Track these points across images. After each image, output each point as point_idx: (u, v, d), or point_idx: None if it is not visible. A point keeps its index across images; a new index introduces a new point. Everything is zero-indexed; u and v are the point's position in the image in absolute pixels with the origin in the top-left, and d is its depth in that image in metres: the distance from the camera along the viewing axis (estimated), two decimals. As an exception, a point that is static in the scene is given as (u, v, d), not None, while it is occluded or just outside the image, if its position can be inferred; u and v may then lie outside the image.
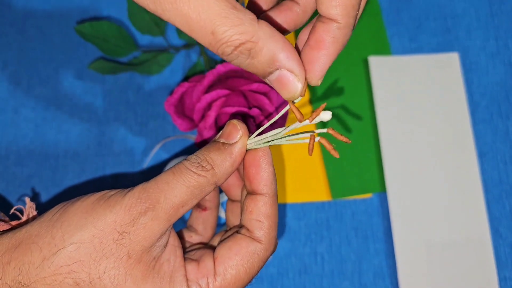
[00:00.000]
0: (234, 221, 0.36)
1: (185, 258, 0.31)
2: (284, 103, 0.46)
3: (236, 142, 0.31)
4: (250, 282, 0.31)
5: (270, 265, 0.45)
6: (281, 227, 0.46)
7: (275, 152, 0.47)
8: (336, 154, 0.29)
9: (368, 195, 0.47)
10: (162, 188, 0.29)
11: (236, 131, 0.31)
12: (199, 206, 0.37)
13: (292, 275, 0.45)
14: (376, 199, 0.47)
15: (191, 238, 0.36)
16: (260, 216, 0.31)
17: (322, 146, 0.47)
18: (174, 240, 0.30)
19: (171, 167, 0.30)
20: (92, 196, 0.29)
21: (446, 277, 0.44)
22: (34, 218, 0.33)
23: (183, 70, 0.49)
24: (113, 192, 0.30)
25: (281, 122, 0.45)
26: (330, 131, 0.29)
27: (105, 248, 0.28)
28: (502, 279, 0.44)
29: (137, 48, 0.48)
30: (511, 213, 0.46)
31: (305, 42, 0.28)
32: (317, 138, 0.29)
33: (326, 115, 0.28)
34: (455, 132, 0.48)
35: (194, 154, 0.30)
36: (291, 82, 0.27)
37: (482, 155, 0.48)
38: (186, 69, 0.49)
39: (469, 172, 0.47)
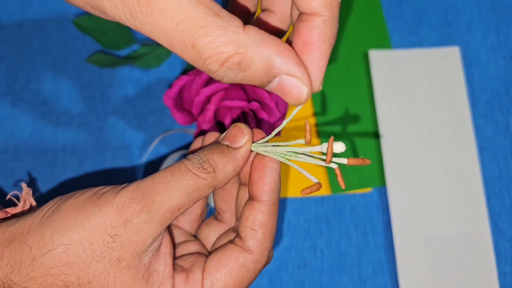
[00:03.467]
0: (221, 205, 0.34)
1: (175, 266, 0.30)
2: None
3: (241, 146, 0.29)
4: None
5: (270, 260, 0.45)
6: (280, 222, 0.46)
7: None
8: (343, 185, 0.28)
9: (367, 190, 0.46)
10: (158, 189, 0.27)
11: (242, 135, 0.29)
12: None
13: (292, 270, 0.45)
14: (375, 194, 0.46)
15: (178, 221, 0.35)
16: (255, 225, 0.29)
17: (322, 141, 0.47)
18: (166, 247, 0.29)
19: (169, 166, 0.29)
20: (85, 193, 0.28)
21: (446, 271, 0.44)
22: (31, 208, 0.32)
23: (182, 64, 0.49)
24: (106, 189, 0.28)
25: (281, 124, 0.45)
26: (351, 162, 0.27)
27: (96, 251, 0.27)
28: (501, 274, 0.44)
29: (135, 41, 0.48)
30: (511, 208, 0.46)
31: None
32: (335, 166, 0.28)
33: (339, 147, 0.27)
34: (455, 127, 0.47)
35: (196, 154, 0.29)
36: (294, 87, 0.24)
37: (482, 150, 0.48)
38: (185, 62, 0.49)
39: (469, 167, 0.46)
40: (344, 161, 0.28)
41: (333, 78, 0.49)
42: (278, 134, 0.46)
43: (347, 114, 0.48)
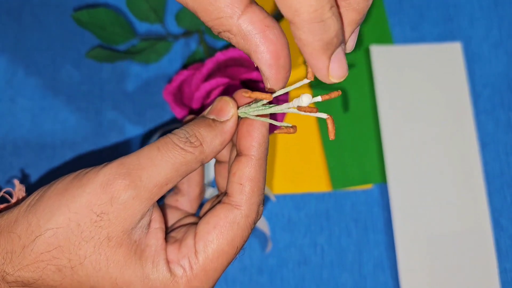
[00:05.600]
0: (223, 184, 0.34)
1: (168, 239, 0.30)
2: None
3: (228, 120, 0.29)
4: (237, 253, 0.29)
5: (270, 256, 0.44)
6: (280, 218, 0.45)
7: (275, 142, 0.47)
8: (333, 137, 0.28)
9: (368, 186, 0.46)
10: (145, 164, 0.27)
11: (228, 108, 0.30)
12: None
13: (292, 266, 0.44)
14: (376, 190, 0.46)
15: (178, 202, 0.35)
16: (242, 179, 0.29)
17: (322, 137, 0.47)
18: (155, 222, 0.29)
19: (155, 141, 0.28)
20: (68, 177, 0.28)
21: (447, 268, 0.44)
22: (23, 199, 0.32)
23: (181, 59, 0.49)
24: (88, 169, 0.28)
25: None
26: (329, 121, 0.28)
27: (84, 231, 0.27)
28: (502, 271, 0.44)
29: (135, 36, 0.48)
30: (513, 205, 0.46)
31: None
32: (325, 116, 0.28)
33: (306, 99, 0.28)
34: (457, 123, 0.47)
35: (182, 128, 0.29)
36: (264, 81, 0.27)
37: (484, 146, 0.47)
38: (184, 57, 0.49)
39: (471, 163, 0.46)
40: (318, 98, 0.28)
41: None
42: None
43: (348, 110, 0.48)
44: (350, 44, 0.27)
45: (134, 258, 0.28)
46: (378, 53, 0.49)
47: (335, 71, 0.26)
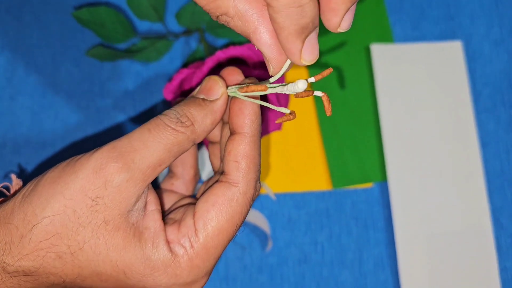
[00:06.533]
0: (217, 164, 0.34)
1: (167, 220, 0.30)
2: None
3: (218, 99, 0.29)
4: (237, 230, 0.30)
5: (270, 255, 0.45)
6: (281, 217, 0.45)
7: (275, 142, 0.47)
8: (330, 113, 0.28)
9: (369, 185, 0.46)
10: (137, 147, 0.27)
11: (217, 87, 0.30)
12: None
13: (292, 264, 0.44)
14: (377, 189, 0.46)
15: (173, 186, 0.35)
16: (237, 157, 0.29)
17: (323, 136, 0.47)
18: (151, 204, 0.29)
19: (145, 123, 0.28)
20: (60, 165, 0.28)
21: (447, 267, 0.44)
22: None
23: (182, 58, 0.49)
24: (80, 155, 0.28)
25: (284, 101, 0.45)
26: (324, 98, 0.28)
27: (81, 217, 0.27)
28: (502, 269, 0.44)
29: (135, 34, 0.48)
30: (513, 203, 0.46)
31: None
32: (320, 93, 0.28)
33: (301, 85, 0.28)
34: (457, 122, 0.47)
35: (172, 108, 0.29)
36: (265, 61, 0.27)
37: (484, 145, 0.47)
38: (185, 56, 0.49)
39: (471, 162, 0.46)
40: (312, 79, 0.29)
41: (334, 72, 0.49)
42: (279, 127, 0.45)
43: (348, 108, 0.48)
44: (345, 24, 0.26)
45: (134, 241, 0.28)
46: (379, 51, 0.49)
47: (307, 54, 0.26)
